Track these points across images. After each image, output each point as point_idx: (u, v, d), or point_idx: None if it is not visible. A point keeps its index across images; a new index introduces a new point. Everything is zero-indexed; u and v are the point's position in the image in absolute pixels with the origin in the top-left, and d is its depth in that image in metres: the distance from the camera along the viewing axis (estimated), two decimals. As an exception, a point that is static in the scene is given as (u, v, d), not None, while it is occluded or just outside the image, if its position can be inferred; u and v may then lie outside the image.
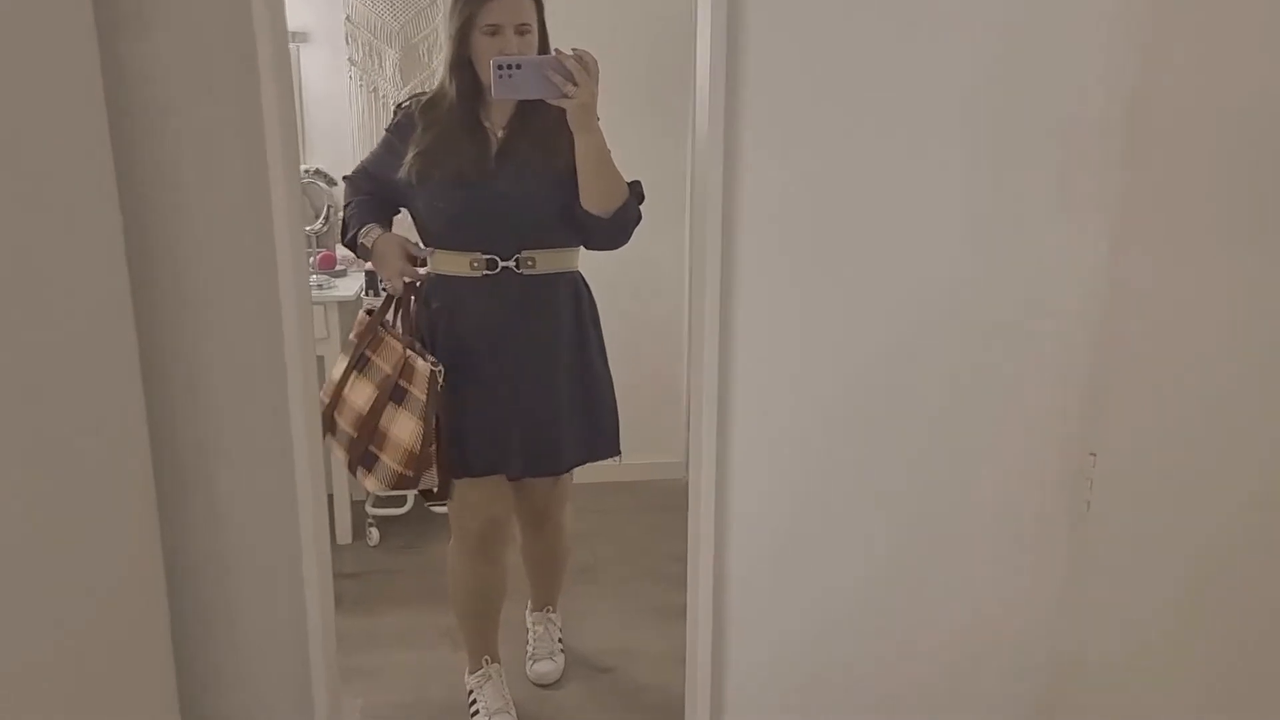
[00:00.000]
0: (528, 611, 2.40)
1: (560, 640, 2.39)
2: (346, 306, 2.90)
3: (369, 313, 1.96)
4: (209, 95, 1.42)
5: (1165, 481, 1.54)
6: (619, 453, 2.05)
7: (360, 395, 1.89)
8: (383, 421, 1.84)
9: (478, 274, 1.85)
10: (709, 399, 1.59)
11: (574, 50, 1.64)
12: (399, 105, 1.96)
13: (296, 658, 1.66)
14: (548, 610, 2.38)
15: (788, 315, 1.59)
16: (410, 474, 1.81)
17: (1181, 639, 1.51)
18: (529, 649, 2.36)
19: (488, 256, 1.84)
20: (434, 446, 1.81)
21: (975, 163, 1.56)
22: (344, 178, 2.09)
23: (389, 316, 1.94)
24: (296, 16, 3.06)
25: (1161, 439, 1.55)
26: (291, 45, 2.99)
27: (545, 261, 1.87)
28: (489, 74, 1.74)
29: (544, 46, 1.82)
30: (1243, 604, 1.38)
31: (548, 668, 2.31)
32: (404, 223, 1.97)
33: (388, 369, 1.86)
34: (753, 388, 1.61)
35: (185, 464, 1.54)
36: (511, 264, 1.85)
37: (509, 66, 1.63)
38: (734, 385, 1.60)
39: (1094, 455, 1.68)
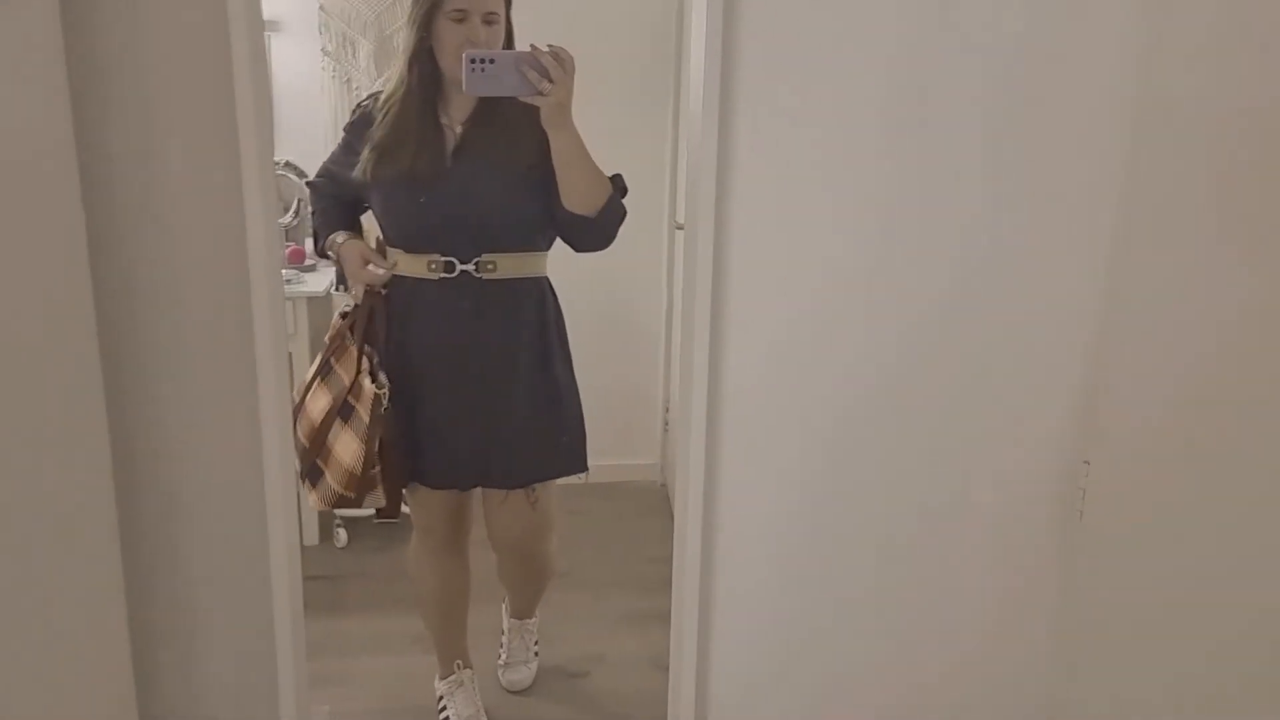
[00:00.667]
0: (505, 613, 2.36)
1: (536, 644, 2.35)
2: (316, 302, 2.84)
3: (344, 316, 1.92)
4: (180, 86, 1.38)
5: (1160, 490, 1.53)
6: (585, 469, 1.96)
7: (317, 405, 1.84)
8: (329, 437, 1.80)
9: (435, 276, 1.78)
10: (698, 410, 1.57)
11: (550, 46, 1.58)
12: (358, 104, 1.91)
13: (264, 664, 1.62)
14: (525, 620, 2.33)
15: (778, 323, 1.57)
16: (351, 495, 1.77)
17: (1175, 650, 1.50)
18: (502, 655, 2.32)
19: (445, 259, 1.77)
20: (377, 469, 1.77)
21: (971, 173, 1.54)
22: (307, 183, 2.05)
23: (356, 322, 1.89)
24: (268, 5, 2.98)
25: (1156, 447, 1.54)
26: (263, 34, 2.92)
27: (507, 266, 1.79)
28: (451, 64, 1.69)
29: (508, 42, 1.78)
30: (1237, 614, 1.38)
31: (521, 674, 2.28)
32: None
33: (345, 380, 1.81)
34: (741, 398, 1.59)
35: (149, 464, 1.50)
36: (470, 267, 1.78)
37: (482, 61, 1.56)
38: (723, 395, 1.58)
39: (1088, 463, 1.67)
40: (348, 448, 1.76)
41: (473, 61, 1.55)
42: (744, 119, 1.48)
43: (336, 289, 2.81)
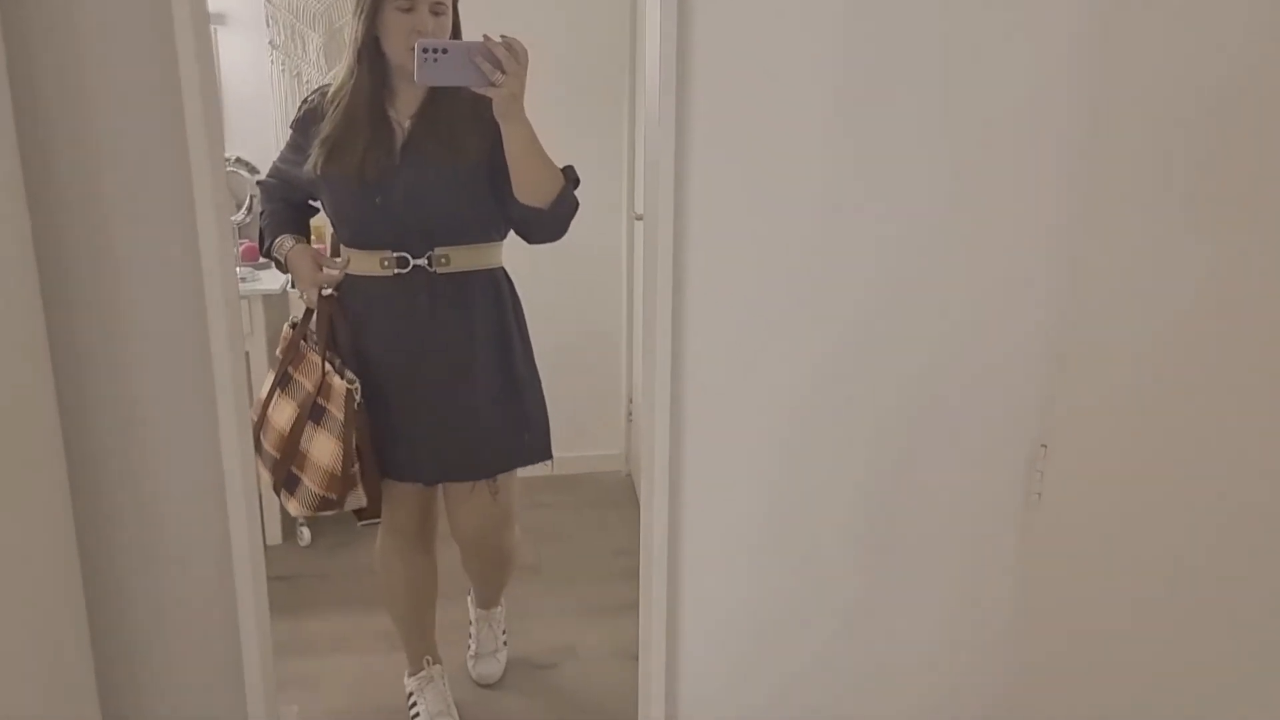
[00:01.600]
0: (470, 604, 2.35)
1: (504, 634, 2.35)
2: (271, 300, 2.80)
3: (293, 326, 1.89)
4: (124, 82, 1.35)
5: (1117, 473, 1.55)
6: (549, 457, 1.96)
7: (282, 415, 1.83)
8: (303, 443, 1.79)
9: (389, 273, 1.77)
10: (661, 401, 1.57)
11: (503, 37, 1.57)
12: (304, 100, 1.88)
13: (229, 666, 1.60)
14: (491, 609, 2.32)
15: (741, 313, 1.57)
16: (333, 496, 1.75)
17: (1132, 627, 1.53)
18: (471, 648, 2.31)
19: (398, 255, 1.77)
20: (356, 466, 1.75)
21: (932, 156, 1.55)
22: (258, 183, 2.02)
23: (310, 329, 1.87)
24: (213, -3, 2.94)
25: (1114, 430, 1.56)
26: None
27: (461, 259, 1.79)
28: (399, 53, 1.68)
29: (455, 33, 1.77)
30: (1193, 593, 1.41)
31: (490, 667, 2.27)
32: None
33: (309, 386, 1.80)
34: (704, 386, 1.58)
35: (106, 466, 1.48)
36: (423, 262, 1.77)
37: (434, 50, 1.53)
38: (686, 385, 1.58)
39: (1045, 447, 1.70)
40: (324, 448, 1.75)
41: (425, 51, 1.53)
42: (700, 104, 1.47)
43: (293, 286, 2.78)
